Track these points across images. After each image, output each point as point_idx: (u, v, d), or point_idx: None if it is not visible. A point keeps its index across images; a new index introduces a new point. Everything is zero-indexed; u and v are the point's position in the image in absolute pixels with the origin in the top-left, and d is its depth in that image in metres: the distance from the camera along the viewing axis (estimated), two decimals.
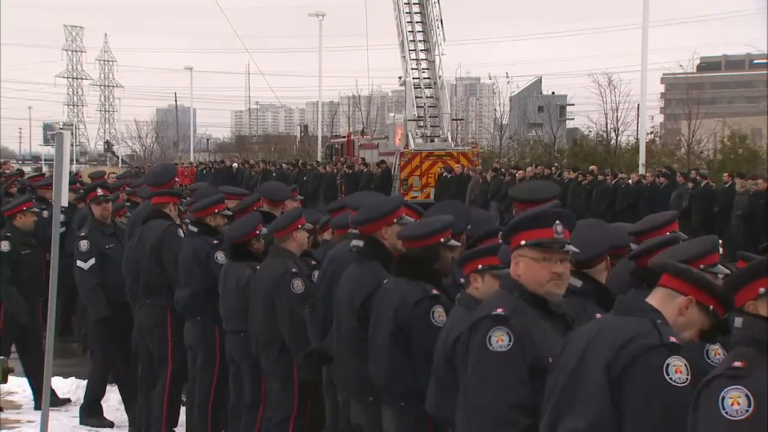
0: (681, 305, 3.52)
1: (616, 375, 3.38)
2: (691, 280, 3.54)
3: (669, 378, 3.33)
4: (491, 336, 3.87)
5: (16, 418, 9.14)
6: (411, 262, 5.11)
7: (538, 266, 3.97)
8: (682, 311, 3.52)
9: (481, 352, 3.89)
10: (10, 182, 16.84)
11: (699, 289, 3.53)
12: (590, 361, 3.46)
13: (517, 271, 4.02)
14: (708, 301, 3.53)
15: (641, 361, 3.36)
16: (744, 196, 21.29)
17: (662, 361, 3.34)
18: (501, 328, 3.87)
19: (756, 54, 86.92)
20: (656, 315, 3.49)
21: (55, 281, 7.27)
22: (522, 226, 4.02)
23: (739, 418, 2.98)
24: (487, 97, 79.08)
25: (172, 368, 7.87)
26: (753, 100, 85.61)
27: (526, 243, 3.98)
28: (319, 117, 52.92)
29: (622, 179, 24.90)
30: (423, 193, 29.42)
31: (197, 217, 7.64)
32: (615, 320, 3.57)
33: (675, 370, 3.34)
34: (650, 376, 3.34)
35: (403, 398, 4.98)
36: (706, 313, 3.54)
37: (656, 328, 3.42)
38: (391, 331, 5.00)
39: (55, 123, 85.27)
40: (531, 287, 3.99)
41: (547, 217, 4.04)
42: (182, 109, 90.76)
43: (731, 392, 3.01)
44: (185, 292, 7.52)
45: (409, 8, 33.21)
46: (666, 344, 3.37)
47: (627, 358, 3.38)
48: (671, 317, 3.51)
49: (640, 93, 30.17)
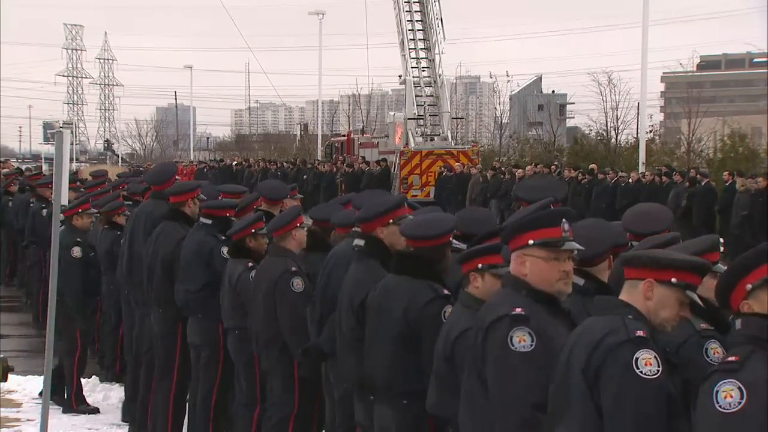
0: (644, 291, 3.55)
1: (591, 377, 3.42)
2: (642, 263, 3.57)
3: (639, 371, 3.35)
4: (513, 336, 3.84)
5: (16, 417, 9.13)
6: (415, 261, 5.10)
7: (547, 265, 3.96)
8: (648, 295, 3.55)
9: (503, 352, 3.85)
10: (10, 180, 16.88)
11: (652, 269, 3.55)
12: (572, 366, 3.50)
13: (523, 270, 3.99)
14: (667, 275, 3.53)
15: (611, 360, 3.39)
16: (745, 194, 21.27)
17: (631, 355, 3.37)
18: (523, 328, 3.85)
19: (756, 53, 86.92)
20: (627, 310, 3.52)
21: (54, 281, 7.26)
22: (529, 225, 4.00)
23: (732, 410, 3.01)
24: (487, 95, 79.12)
25: (178, 377, 7.85)
26: (753, 99, 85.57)
27: (534, 242, 3.96)
28: (319, 116, 52.91)
29: (622, 178, 24.90)
30: (423, 191, 29.44)
31: (207, 213, 7.57)
32: (591, 322, 3.60)
33: (645, 362, 3.36)
34: (620, 373, 3.37)
35: (406, 396, 4.96)
36: (674, 287, 3.55)
37: (624, 324, 3.45)
38: (399, 331, 4.98)
39: (55, 121, 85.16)
40: (539, 286, 3.97)
41: (555, 216, 4.05)
42: (182, 107, 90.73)
43: (724, 386, 3.05)
44: (184, 288, 7.49)
45: (409, 7, 33.22)
46: (632, 339, 3.40)
47: (599, 360, 3.41)
48: (641, 305, 3.54)
49: (640, 92, 30.20)
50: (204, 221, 7.56)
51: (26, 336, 13.05)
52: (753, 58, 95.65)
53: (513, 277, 4.05)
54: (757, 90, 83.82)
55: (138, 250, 8.31)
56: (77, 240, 9.30)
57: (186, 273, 7.49)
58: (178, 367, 7.82)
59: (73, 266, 9.17)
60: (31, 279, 14.21)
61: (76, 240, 9.30)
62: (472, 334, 4.13)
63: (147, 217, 8.35)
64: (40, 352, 8.53)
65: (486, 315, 4.02)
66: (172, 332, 7.82)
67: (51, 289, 7.26)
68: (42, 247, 12.87)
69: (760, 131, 44.91)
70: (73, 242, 9.25)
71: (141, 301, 8.33)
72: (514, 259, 4.05)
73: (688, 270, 3.57)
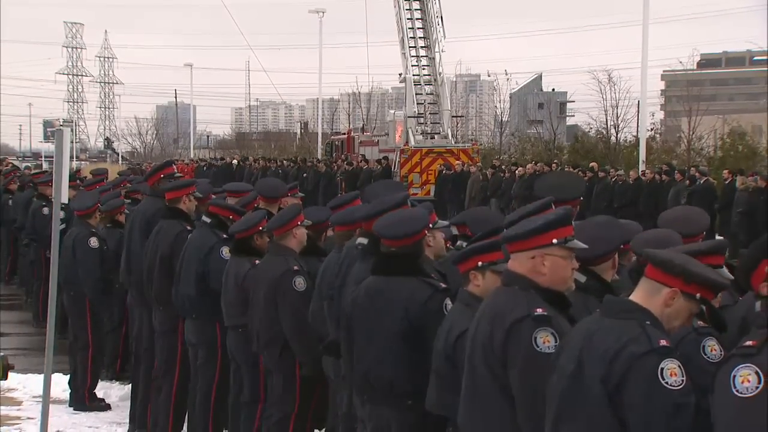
0: (666, 298, 3.51)
1: (613, 387, 3.36)
2: (674, 271, 3.51)
3: (665, 382, 3.30)
4: (537, 337, 3.82)
5: (17, 415, 9.13)
6: (402, 259, 5.09)
7: (565, 263, 3.98)
8: (668, 303, 3.51)
9: (528, 354, 3.81)
10: (10, 179, 16.87)
11: (682, 280, 3.50)
12: (586, 371, 3.44)
13: (541, 270, 3.95)
14: (693, 290, 3.51)
15: (635, 372, 3.34)
16: (744, 193, 21.28)
17: (655, 367, 3.32)
18: (546, 329, 3.83)
19: (756, 51, 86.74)
20: (644, 315, 3.46)
21: (54, 279, 7.27)
22: (554, 224, 3.97)
23: (749, 395, 2.98)
24: (487, 93, 79.07)
25: (180, 375, 7.85)
26: (753, 97, 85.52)
27: (558, 242, 3.95)
28: (319, 114, 52.86)
29: (620, 176, 24.90)
30: (423, 189, 29.43)
31: (212, 212, 7.57)
32: (604, 326, 3.52)
33: (670, 373, 3.31)
34: (645, 385, 3.31)
35: (410, 396, 4.93)
36: (693, 300, 3.52)
37: (645, 332, 3.39)
38: (401, 330, 4.96)
39: (55, 120, 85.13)
40: (554, 285, 3.96)
41: (570, 215, 4.08)
42: (182, 105, 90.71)
43: (741, 370, 3.01)
44: (181, 290, 7.47)
45: (409, 5, 33.21)
46: (656, 349, 3.34)
47: (621, 370, 3.36)
48: (658, 310, 3.50)
49: (640, 90, 30.17)
50: (205, 219, 7.56)
51: (26, 334, 13.05)
52: (753, 56, 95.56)
53: (518, 275, 4.00)
54: (758, 88, 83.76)
55: (135, 249, 8.32)
56: (92, 231, 9.40)
57: (183, 274, 7.47)
58: (179, 365, 7.82)
59: (91, 255, 9.26)
60: (31, 277, 14.22)
61: (91, 231, 9.39)
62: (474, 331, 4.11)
63: (142, 215, 8.39)
64: (41, 350, 8.54)
65: (503, 314, 3.93)
66: (173, 330, 7.82)
67: (51, 287, 7.26)
68: (42, 245, 12.87)
69: (760, 129, 44.88)
70: (89, 233, 9.34)
71: (140, 300, 8.34)
72: (529, 259, 3.98)
73: (715, 288, 3.55)
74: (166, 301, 7.73)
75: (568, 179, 6.05)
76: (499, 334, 3.90)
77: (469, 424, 4.10)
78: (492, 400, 3.97)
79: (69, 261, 9.24)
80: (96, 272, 9.26)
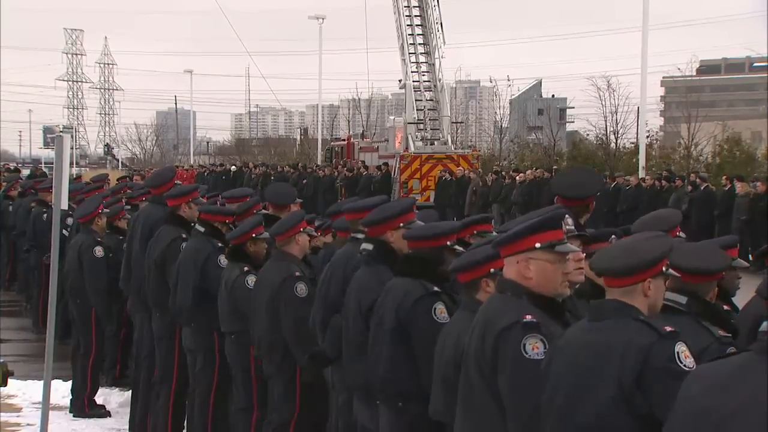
0: (644, 289, 3.59)
1: (631, 382, 3.37)
2: (640, 268, 3.58)
3: (682, 365, 3.36)
4: (525, 344, 3.82)
5: (17, 422, 9.12)
6: (413, 261, 5.10)
7: (553, 268, 3.96)
8: (647, 293, 3.59)
9: (517, 361, 3.82)
10: (10, 185, 16.85)
11: (646, 270, 3.58)
12: (603, 374, 3.43)
13: (527, 274, 3.97)
14: (656, 270, 3.59)
15: (652, 360, 3.38)
16: (744, 199, 21.27)
17: (671, 353, 3.38)
18: (535, 336, 3.83)
19: (756, 57, 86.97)
20: (635, 312, 3.52)
21: (54, 286, 7.25)
22: (537, 228, 3.97)
23: None
24: (487, 100, 79.05)
25: (177, 380, 7.84)
26: (753, 103, 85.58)
27: (541, 245, 3.95)
28: (319, 120, 52.93)
29: (627, 180, 24.92)
30: (423, 195, 29.43)
31: (204, 219, 7.57)
32: (600, 326, 3.54)
33: (684, 356, 3.38)
34: (666, 372, 3.35)
35: (401, 397, 4.93)
36: (662, 276, 3.63)
37: (646, 324, 3.46)
38: (392, 330, 4.97)
39: (55, 126, 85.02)
40: (542, 290, 3.96)
41: (558, 218, 4.06)
42: (182, 112, 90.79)
43: None
44: (177, 300, 7.46)
45: (409, 11, 33.25)
46: (664, 335, 3.41)
47: (636, 364, 3.38)
48: (641, 305, 3.56)
49: (639, 96, 30.20)
50: (199, 228, 7.56)
51: (26, 340, 13.03)
52: (753, 62, 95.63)
53: (511, 281, 4.01)
54: (757, 94, 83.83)
55: (135, 255, 8.31)
56: (97, 240, 9.36)
57: (180, 284, 7.45)
58: (178, 369, 7.81)
59: (97, 264, 9.22)
60: (31, 283, 14.20)
61: (96, 240, 9.35)
62: None
63: (144, 221, 8.37)
64: (40, 357, 8.51)
65: (494, 321, 3.95)
66: (171, 335, 7.82)
67: (51, 293, 7.26)
68: (42, 252, 12.85)
69: (759, 135, 44.92)
70: (94, 242, 9.30)
71: (141, 306, 8.32)
72: (515, 264, 4.00)
73: (667, 255, 3.65)
74: (162, 305, 7.72)
75: (587, 176, 6.04)
76: (490, 341, 3.92)
77: (466, 427, 4.09)
78: (484, 407, 3.97)
79: (75, 269, 9.23)
80: (102, 282, 9.22)
